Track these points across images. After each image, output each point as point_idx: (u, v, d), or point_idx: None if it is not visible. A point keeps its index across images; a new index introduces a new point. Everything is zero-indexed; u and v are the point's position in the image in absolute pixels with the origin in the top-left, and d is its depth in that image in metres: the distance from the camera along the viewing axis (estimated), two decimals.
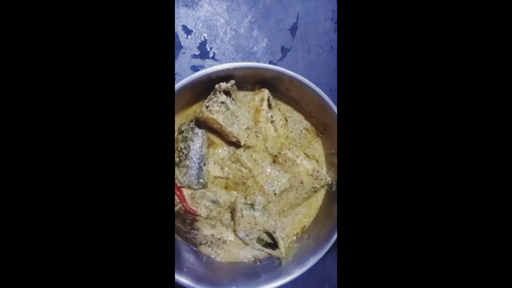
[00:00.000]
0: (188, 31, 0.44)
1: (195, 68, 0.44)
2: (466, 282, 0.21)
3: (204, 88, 0.39)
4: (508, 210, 0.20)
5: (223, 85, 0.38)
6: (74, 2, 0.22)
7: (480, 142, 0.21)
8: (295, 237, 0.45)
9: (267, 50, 0.37)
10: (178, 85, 0.36)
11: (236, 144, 0.41)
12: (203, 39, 0.44)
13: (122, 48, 0.23)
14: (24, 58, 0.21)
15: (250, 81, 0.41)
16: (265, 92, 0.41)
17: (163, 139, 0.24)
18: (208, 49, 0.45)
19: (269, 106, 0.42)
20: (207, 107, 0.38)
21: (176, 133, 0.41)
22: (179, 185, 0.40)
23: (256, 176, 0.41)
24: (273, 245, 0.44)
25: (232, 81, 0.38)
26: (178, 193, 0.40)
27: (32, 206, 0.21)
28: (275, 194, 0.42)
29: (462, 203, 0.22)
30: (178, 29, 0.44)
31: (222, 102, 0.38)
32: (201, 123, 0.40)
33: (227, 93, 0.39)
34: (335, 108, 0.39)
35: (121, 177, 0.22)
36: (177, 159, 0.40)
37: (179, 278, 0.37)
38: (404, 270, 0.23)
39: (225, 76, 0.38)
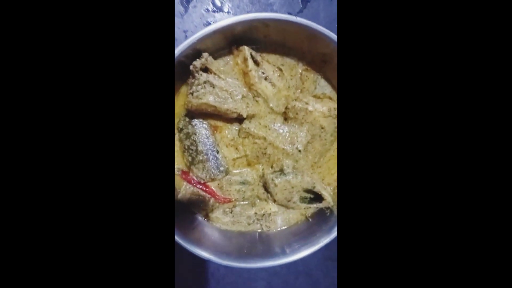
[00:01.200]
0: None
1: (208, 25, 0.39)
2: (466, 281, 0.21)
3: (180, 75, 0.35)
4: (508, 210, 0.20)
5: (197, 63, 0.33)
6: None
7: (480, 141, 0.20)
8: (336, 182, 0.43)
9: (285, 1, 0.31)
10: None
11: (239, 119, 0.38)
12: None
13: (117, 34, 0.21)
14: (21, 53, 0.20)
15: (223, 45, 0.36)
16: (245, 50, 0.36)
17: (162, 131, 0.22)
18: (223, 2, 0.39)
19: (256, 63, 0.37)
20: (192, 94, 0.34)
21: (177, 133, 0.38)
22: (202, 181, 0.38)
23: (273, 142, 0.38)
24: (319, 198, 0.42)
25: (205, 54, 0.34)
26: (206, 189, 0.39)
27: (31, 197, 0.20)
28: (299, 151, 0.39)
29: (462, 199, 0.21)
30: None
31: (205, 82, 0.34)
32: (194, 113, 0.37)
33: (205, 70, 0.34)
34: (325, 31, 0.33)
35: (120, 172, 0.21)
36: (189, 158, 0.38)
37: (239, 264, 0.37)
38: (404, 266, 0.21)
39: (195, 52, 0.33)
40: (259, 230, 0.42)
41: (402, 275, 0.21)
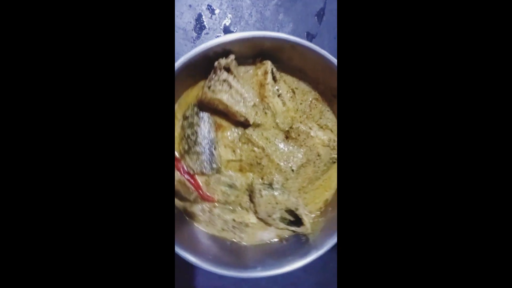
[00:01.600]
0: (212, 11, 0.43)
1: None
2: (466, 280, 0.21)
3: (202, 68, 0.37)
4: (508, 210, 0.20)
5: (223, 61, 0.35)
6: None
7: (481, 139, 0.21)
8: (319, 212, 0.43)
9: (292, 35, 0.35)
10: (177, 66, 0.34)
11: (245, 124, 0.39)
12: (228, 21, 0.43)
13: (118, 33, 0.22)
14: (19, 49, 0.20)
15: (249, 54, 0.39)
16: (268, 64, 0.39)
17: (163, 128, 0.23)
18: (233, 31, 0.43)
19: (274, 79, 0.40)
20: (209, 87, 0.36)
21: (181, 120, 0.39)
22: (192, 172, 0.38)
23: (270, 155, 0.40)
24: (298, 222, 0.42)
25: (232, 56, 0.36)
26: (192, 181, 0.39)
27: (31, 193, 0.20)
28: (293, 170, 0.40)
29: (463, 197, 0.21)
30: (202, 8, 0.43)
31: (224, 80, 0.36)
32: (205, 105, 0.38)
33: (227, 70, 0.36)
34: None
35: (119, 168, 0.21)
36: (186, 146, 0.38)
37: (206, 266, 0.36)
38: (405, 268, 0.22)
39: (223, 51, 0.36)
40: (233, 239, 0.41)
41: None
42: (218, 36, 0.41)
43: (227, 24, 0.43)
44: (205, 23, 0.43)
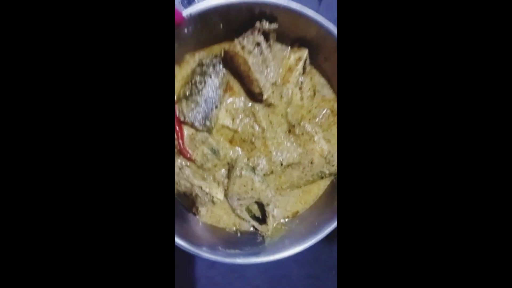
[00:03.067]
0: None
1: None
2: (466, 279, 0.20)
3: (241, 23, 0.34)
4: (508, 210, 0.20)
5: (266, 25, 0.33)
6: None
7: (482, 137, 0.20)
8: (285, 220, 0.41)
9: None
10: (208, 6, 0.31)
11: (256, 97, 0.37)
12: None
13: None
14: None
15: (291, 35, 0.37)
16: (305, 52, 0.37)
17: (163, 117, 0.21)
18: None
19: (304, 69, 0.38)
20: (240, 43, 0.33)
21: (194, 65, 0.36)
22: (181, 119, 0.35)
23: (267, 139, 0.37)
24: (261, 219, 0.39)
25: (275, 24, 0.34)
26: (177, 128, 0.35)
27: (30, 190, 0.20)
28: (281, 164, 0.38)
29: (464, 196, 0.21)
30: None
31: (258, 44, 0.34)
32: (228, 60, 0.35)
33: (266, 35, 0.34)
34: None
35: (119, 161, 0.20)
36: (188, 92, 0.35)
37: None
38: (406, 266, 0.21)
39: (269, 15, 0.34)
40: (191, 210, 0.37)
41: None
42: None
43: None
44: None
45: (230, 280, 0.45)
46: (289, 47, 0.38)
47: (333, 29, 0.33)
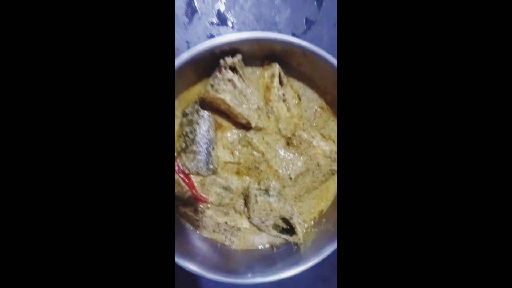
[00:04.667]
0: None
1: (211, 37, 0.39)
2: (466, 279, 0.21)
3: (207, 65, 0.35)
4: (508, 210, 0.20)
5: (229, 60, 0.34)
6: None
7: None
8: (312, 222, 0.43)
9: (290, 21, 0.33)
10: (177, 62, 0.32)
11: (246, 126, 0.38)
12: (221, 5, 0.40)
13: (115, 22, 0.20)
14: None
15: (258, 56, 0.37)
16: (276, 67, 0.37)
17: (162, 124, 0.22)
18: (227, 17, 0.40)
19: (281, 83, 0.38)
20: (212, 86, 0.35)
21: (180, 117, 0.38)
22: (187, 172, 0.37)
23: (269, 160, 0.39)
24: (290, 231, 0.41)
25: (239, 56, 0.35)
26: (187, 180, 0.38)
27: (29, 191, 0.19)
28: (291, 178, 0.39)
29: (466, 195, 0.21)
30: None
31: (229, 80, 0.35)
32: (207, 104, 0.37)
33: (233, 69, 0.35)
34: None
35: (119, 166, 0.21)
36: (183, 145, 0.37)
37: (193, 267, 0.35)
38: (407, 268, 0.21)
39: (230, 50, 0.34)
40: (225, 242, 0.40)
41: None
42: (211, 23, 0.39)
43: (221, 9, 0.40)
44: (197, 7, 0.39)
45: None
46: (260, 67, 0.38)
47: (294, 39, 0.33)
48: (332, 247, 0.38)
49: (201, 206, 0.39)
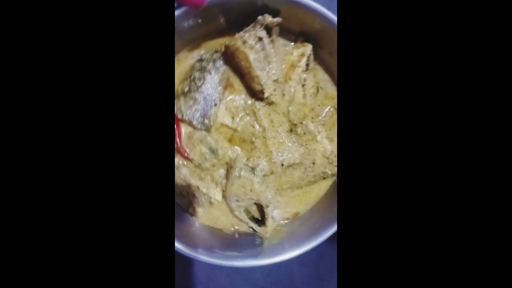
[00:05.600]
0: None
1: None
2: (465, 279, 0.20)
3: (243, 17, 0.32)
4: (508, 210, 0.20)
5: (268, 18, 0.31)
6: None
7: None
8: (285, 222, 0.40)
9: None
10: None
11: (257, 95, 0.35)
12: None
13: None
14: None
15: (294, 29, 0.35)
16: (309, 48, 0.35)
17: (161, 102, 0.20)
18: None
19: (307, 66, 0.36)
20: (241, 37, 0.32)
21: (194, 59, 0.34)
22: (179, 116, 0.33)
23: (268, 139, 0.36)
24: (260, 221, 0.38)
25: (279, 18, 0.32)
26: (176, 126, 0.33)
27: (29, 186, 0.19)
28: (282, 165, 0.36)
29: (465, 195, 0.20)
30: None
31: (260, 39, 0.32)
32: (228, 55, 0.34)
33: (268, 30, 0.32)
34: None
35: (118, 161, 0.20)
36: (186, 88, 0.33)
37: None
38: (406, 268, 0.21)
39: (272, 9, 0.32)
40: (187, 210, 0.36)
41: None
42: None
43: None
44: None
45: (233, 281, 0.44)
46: (293, 42, 0.36)
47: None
48: (297, 252, 0.35)
49: (178, 160, 0.35)
